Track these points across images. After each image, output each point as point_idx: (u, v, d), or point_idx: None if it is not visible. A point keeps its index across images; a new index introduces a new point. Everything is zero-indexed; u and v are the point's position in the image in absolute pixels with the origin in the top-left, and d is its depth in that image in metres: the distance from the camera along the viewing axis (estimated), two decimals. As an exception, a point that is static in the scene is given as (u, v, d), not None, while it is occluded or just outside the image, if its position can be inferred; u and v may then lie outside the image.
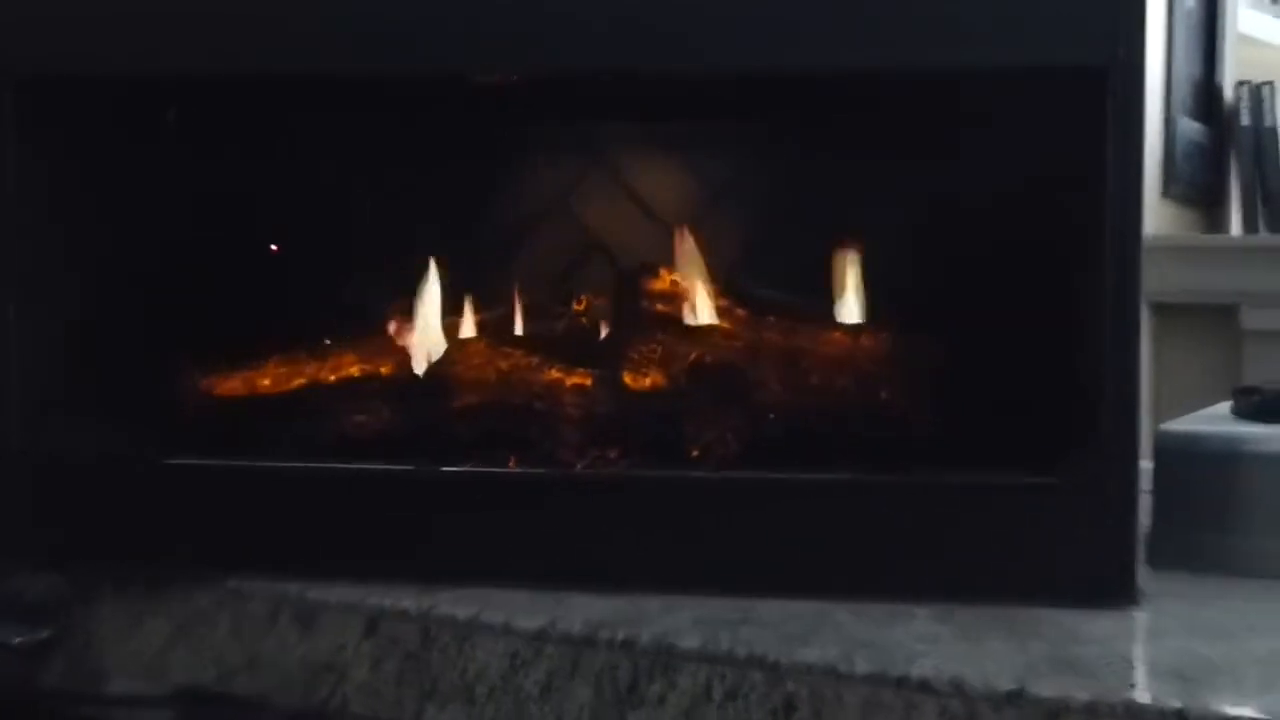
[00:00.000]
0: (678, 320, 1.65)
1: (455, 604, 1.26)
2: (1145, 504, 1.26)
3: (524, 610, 1.23)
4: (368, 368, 1.71)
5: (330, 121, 1.71)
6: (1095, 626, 1.14)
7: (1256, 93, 2.47)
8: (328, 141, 1.76)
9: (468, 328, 1.80)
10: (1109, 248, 1.21)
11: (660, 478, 1.43)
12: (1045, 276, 1.39)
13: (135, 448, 1.38)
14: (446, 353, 1.62)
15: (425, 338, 1.74)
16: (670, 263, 1.80)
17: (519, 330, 1.68)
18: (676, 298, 1.68)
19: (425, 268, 1.73)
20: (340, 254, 1.88)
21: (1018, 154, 1.40)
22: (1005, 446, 1.38)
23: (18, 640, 1.24)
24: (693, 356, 1.58)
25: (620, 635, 1.16)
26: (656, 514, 1.37)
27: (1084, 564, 1.22)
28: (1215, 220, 2.58)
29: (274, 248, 1.83)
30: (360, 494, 1.40)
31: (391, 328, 1.78)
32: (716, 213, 1.88)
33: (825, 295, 1.76)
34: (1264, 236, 2.48)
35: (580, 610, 1.22)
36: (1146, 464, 1.28)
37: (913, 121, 1.52)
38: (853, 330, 1.60)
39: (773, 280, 1.79)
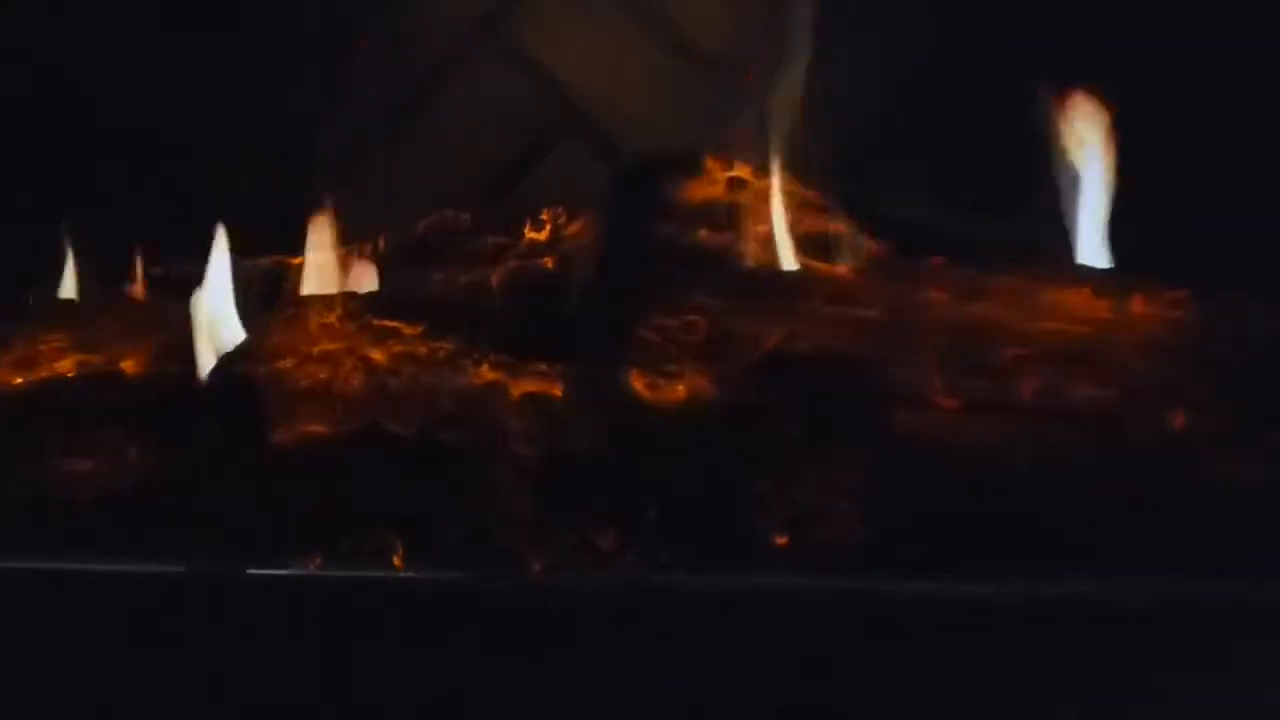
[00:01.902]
0: (738, 265, 1.73)
1: None
2: None
3: None
4: (93, 361, 1.70)
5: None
6: None
7: None
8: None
9: (308, 279, 1.82)
10: None
11: (702, 588, 1.49)
12: None
13: None
14: (263, 329, 1.72)
15: (215, 299, 1.74)
16: (720, 148, 1.80)
17: (408, 284, 1.81)
18: (735, 218, 1.75)
19: (216, 164, 1.83)
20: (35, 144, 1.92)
21: None
22: None
23: None
24: (772, 340, 1.61)
25: None
26: (695, 659, 1.43)
27: None
28: None
29: None
30: (80, 619, 1.47)
31: (139, 279, 1.82)
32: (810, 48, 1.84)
33: (1043, 218, 1.76)
34: None
35: None
36: None
37: None
38: (1106, 288, 1.66)
39: (935, 187, 1.80)
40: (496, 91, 2.04)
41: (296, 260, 1.82)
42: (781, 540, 1.54)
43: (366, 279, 1.80)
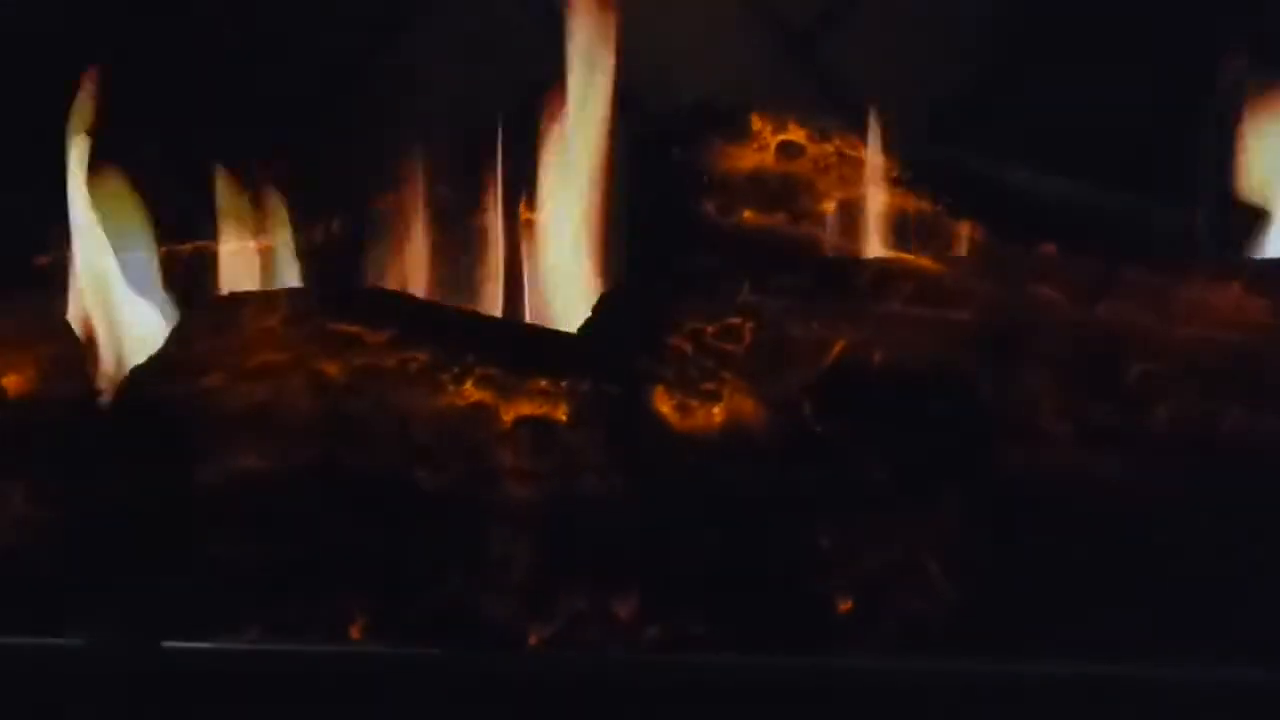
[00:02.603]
0: (794, 253, 1.75)
1: None
2: None
3: None
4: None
5: None
6: None
7: None
8: None
9: (243, 270, 1.84)
10: None
11: (748, 671, 1.51)
12: None
13: None
14: (185, 335, 1.71)
15: (122, 297, 1.76)
16: (769, 101, 1.82)
17: (371, 277, 1.84)
18: (788, 193, 1.77)
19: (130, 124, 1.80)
20: None
21: None
22: None
23: None
24: (836, 350, 1.64)
25: None
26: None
27: None
28: None
29: None
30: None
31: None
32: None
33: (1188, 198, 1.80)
34: None
35: None
36: None
37: None
38: (1263, 284, 1.69)
39: (1050, 156, 1.78)
40: (489, 30, 2.05)
41: (228, 246, 1.83)
42: (850, 609, 1.56)
43: (317, 271, 1.80)
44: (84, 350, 1.73)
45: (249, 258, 1.84)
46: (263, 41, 2.05)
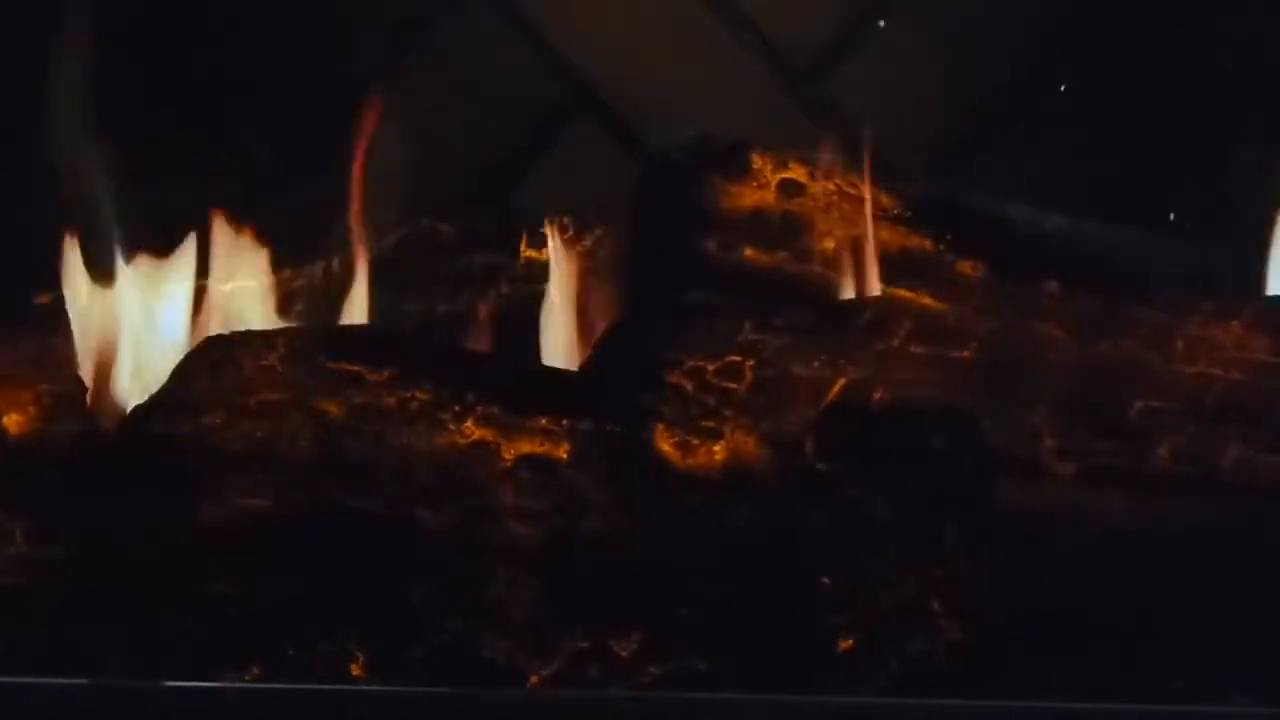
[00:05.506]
0: (795, 290, 1.75)
1: None
2: None
3: None
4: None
5: None
6: None
7: None
8: None
9: (241, 309, 1.83)
10: None
11: (752, 710, 1.50)
12: None
13: None
14: (184, 374, 1.70)
15: (123, 336, 1.76)
16: (771, 140, 1.82)
17: (372, 316, 1.83)
18: (790, 231, 1.77)
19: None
20: None
21: None
22: None
23: None
24: (837, 385, 1.64)
25: None
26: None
27: None
28: None
29: None
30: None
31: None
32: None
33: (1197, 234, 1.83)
34: None
35: None
36: None
37: None
38: (1267, 321, 1.70)
39: (1055, 191, 1.79)
40: (491, 66, 2.05)
41: (227, 284, 1.83)
42: (852, 647, 1.55)
43: (317, 309, 1.79)
44: (85, 388, 1.72)
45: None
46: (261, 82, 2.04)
